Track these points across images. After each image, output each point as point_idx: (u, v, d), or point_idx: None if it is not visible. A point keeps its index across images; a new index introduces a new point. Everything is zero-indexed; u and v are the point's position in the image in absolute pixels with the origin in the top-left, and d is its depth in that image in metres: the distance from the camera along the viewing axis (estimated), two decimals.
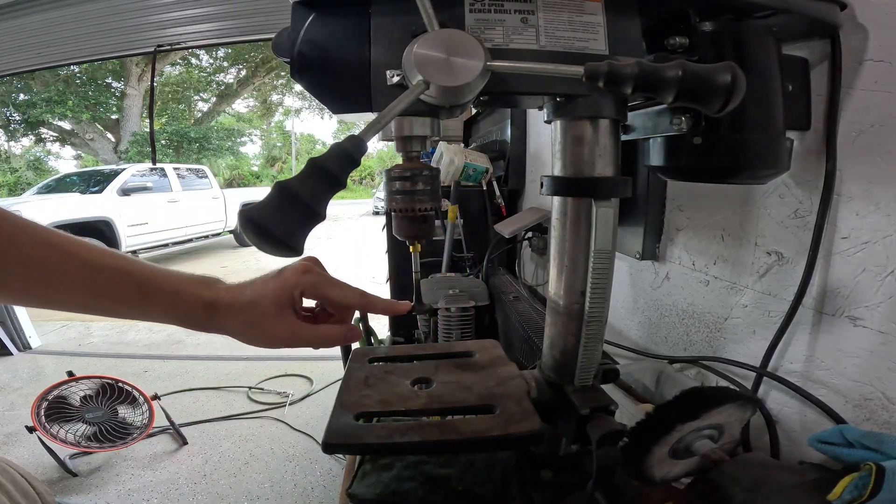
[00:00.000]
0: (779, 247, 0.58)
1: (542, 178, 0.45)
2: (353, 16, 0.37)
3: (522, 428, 0.42)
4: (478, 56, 0.33)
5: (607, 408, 0.44)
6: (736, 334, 0.65)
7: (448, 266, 1.50)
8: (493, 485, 0.50)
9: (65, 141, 12.08)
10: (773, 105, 0.44)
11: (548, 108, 0.44)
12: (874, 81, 0.46)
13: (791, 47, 0.51)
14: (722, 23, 0.43)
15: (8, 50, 3.01)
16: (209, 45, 3.00)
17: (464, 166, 1.61)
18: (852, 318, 0.49)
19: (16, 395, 2.25)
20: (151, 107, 4.25)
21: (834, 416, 0.50)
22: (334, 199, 0.29)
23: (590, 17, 0.38)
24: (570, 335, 0.46)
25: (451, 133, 2.24)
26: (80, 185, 5.16)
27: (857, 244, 0.48)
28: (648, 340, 0.86)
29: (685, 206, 0.74)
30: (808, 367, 0.54)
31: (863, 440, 0.41)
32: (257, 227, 0.24)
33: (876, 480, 0.33)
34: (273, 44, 0.38)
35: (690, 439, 0.40)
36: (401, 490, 0.50)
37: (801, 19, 0.43)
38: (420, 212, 0.40)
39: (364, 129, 0.30)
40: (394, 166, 0.40)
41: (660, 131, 0.49)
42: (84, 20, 2.88)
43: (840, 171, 0.49)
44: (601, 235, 0.40)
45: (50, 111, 10.32)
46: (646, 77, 0.30)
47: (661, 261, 0.81)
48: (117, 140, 11.47)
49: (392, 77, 0.36)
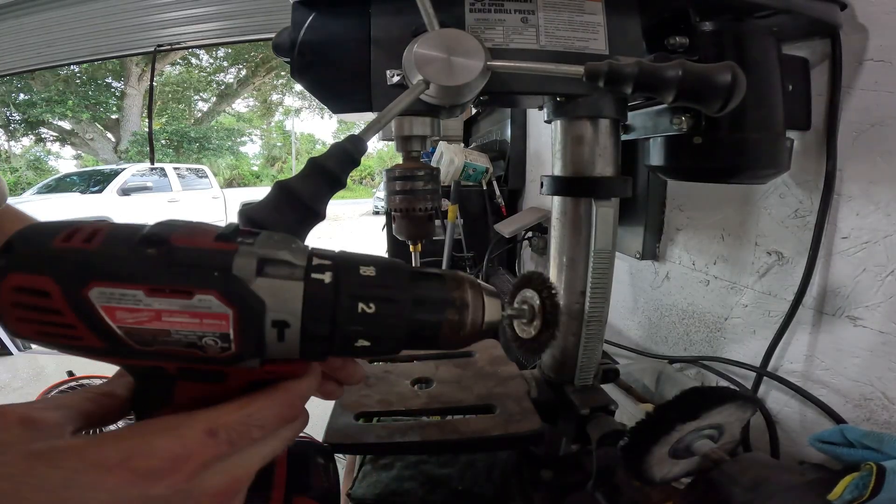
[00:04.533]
0: (779, 246, 0.58)
1: (542, 178, 0.45)
2: (354, 15, 0.37)
3: (522, 428, 0.42)
4: (478, 56, 0.33)
5: (607, 408, 0.44)
6: (736, 334, 0.65)
7: (448, 266, 1.50)
8: (493, 485, 0.50)
9: (65, 141, 12.08)
10: (774, 105, 0.44)
11: (548, 107, 0.44)
12: (874, 81, 0.46)
13: (791, 47, 0.50)
14: (722, 22, 0.43)
15: (8, 50, 3.01)
16: (209, 45, 3.00)
17: (464, 166, 1.61)
18: (852, 317, 0.49)
19: (16, 395, 2.25)
20: (151, 107, 4.25)
21: (834, 416, 0.50)
22: (334, 199, 0.29)
23: (590, 16, 0.38)
24: (570, 335, 0.46)
25: (451, 133, 2.24)
26: (80, 184, 5.16)
27: (857, 244, 0.48)
28: (648, 340, 0.86)
29: (685, 206, 0.74)
30: (808, 366, 0.54)
31: (863, 440, 0.41)
32: (257, 226, 0.24)
33: (876, 480, 0.33)
34: (273, 44, 0.38)
35: (690, 439, 0.40)
36: (401, 490, 0.50)
37: (802, 19, 0.43)
38: (420, 211, 0.40)
39: (364, 129, 0.30)
40: (394, 166, 0.40)
41: (660, 131, 0.49)
42: (84, 20, 2.88)
43: (840, 171, 0.49)
44: (601, 235, 0.40)
45: (50, 111, 10.32)
46: (646, 77, 0.30)
47: (661, 260, 0.81)
48: (117, 140, 11.47)
49: (392, 77, 0.36)
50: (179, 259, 0.18)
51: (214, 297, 0.18)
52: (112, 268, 0.18)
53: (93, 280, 0.17)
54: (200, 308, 0.18)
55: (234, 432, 0.20)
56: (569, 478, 0.47)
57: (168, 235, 0.19)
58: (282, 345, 0.19)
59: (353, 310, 0.20)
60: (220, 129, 14.29)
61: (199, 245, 0.19)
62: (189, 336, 0.18)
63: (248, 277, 0.18)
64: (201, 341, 0.19)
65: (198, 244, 0.19)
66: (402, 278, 0.22)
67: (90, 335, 0.18)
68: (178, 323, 0.18)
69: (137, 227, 0.19)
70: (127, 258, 0.18)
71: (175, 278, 0.18)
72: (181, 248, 0.18)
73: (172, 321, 0.18)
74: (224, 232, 0.20)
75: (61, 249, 0.18)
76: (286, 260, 0.19)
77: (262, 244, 0.19)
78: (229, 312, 0.18)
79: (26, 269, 0.18)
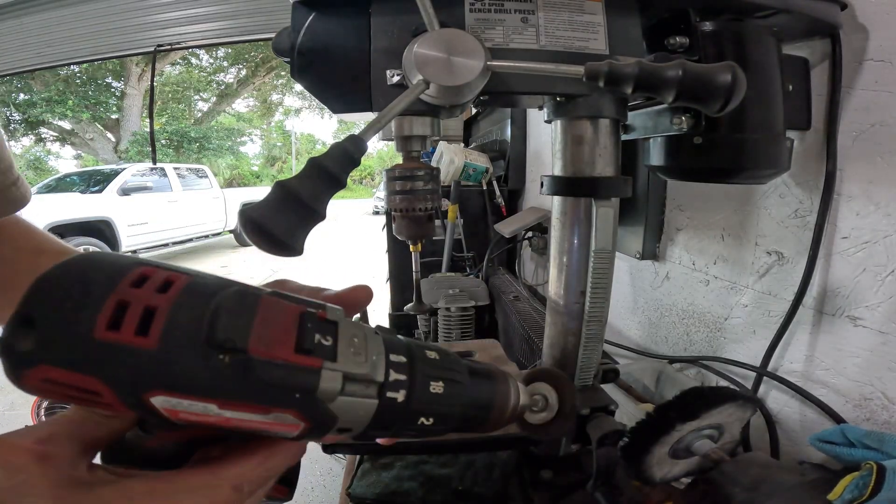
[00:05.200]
0: (779, 246, 0.58)
1: (542, 178, 0.45)
2: (354, 15, 0.37)
3: None
4: (478, 56, 0.33)
5: (607, 408, 0.44)
6: (736, 334, 0.65)
7: (448, 266, 1.50)
8: (493, 485, 0.50)
9: (65, 141, 12.08)
10: (774, 105, 0.44)
11: (548, 107, 0.44)
12: (874, 81, 0.46)
13: (791, 47, 0.51)
14: (722, 22, 0.43)
15: (8, 50, 3.01)
16: (209, 45, 3.00)
17: (464, 166, 1.61)
18: (852, 317, 0.49)
19: (16, 395, 2.25)
20: (151, 107, 4.25)
21: (834, 416, 0.50)
22: (334, 199, 0.29)
23: (590, 16, 0.38)
24: (570, 335, 0.46)
25: (451, 133, 2.24)
26: (80, 184, 5.16)
27: (857, 244, 0.48)
28: (648, 340, 0.86)
29: (685, 206, 0.74)
30: (808, 366, 0.54)
31: (864, 439, 0.41)
32: (257, 226, 0.24)
33: (877, 480, 0.33)
34: (273, 44, 0.38)
35: (690, 439, 0.40)
36: (401, 490, 0.50)
37: (802, 19, 0.43)
38: (420, 211, 0.40)
39: (364, 129, 0.30)
40: (394, 166, 0.40)
41: (660, 131, 0.49)
42: (84, 20, 2.88)
43: (840, 171, 0.49)
44: (601, 235, 0.40)
45: (50, 111, 10.32)
46: (646, 77, 0.30)
47: (661, 260, 0.81)
48: (117, 140, 11.47)
49: (392, 77, 0.36)
50: (259, 376, 0.16)
51: (291, 416, 0.17)
52: (180, 381, 0.15)
53: (155, 390, 0.15)
54: (274, 420, 0.17)
55: (255, 485, 0.20)
56: (569, 478, 0.47)
57: (245, 342, 0.16)
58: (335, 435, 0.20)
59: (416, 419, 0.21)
60: (220, 129, 14.29)
61: (279, 358, 0.17)
62: (252, 430, 0.18)
63: (329, 399, 0.18)
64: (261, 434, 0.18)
65: (278, 356, 0.17)
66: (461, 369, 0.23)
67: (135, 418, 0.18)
68: (245, 423, 0.17)
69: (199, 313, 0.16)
70: (197, 370, 0.15)
71: (254, 397, 0.16)
72: (261, 363, 0.16)
73: (238, 424, 0.17)
74: (304, 342, 0.17)
75: (109, 346, 0.14)
76: (366, 378, 0.19)
77: (345, 356, 0.18)
78: (301, 425, 0.18)
79: (64, 364, 0.14)
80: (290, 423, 0.17)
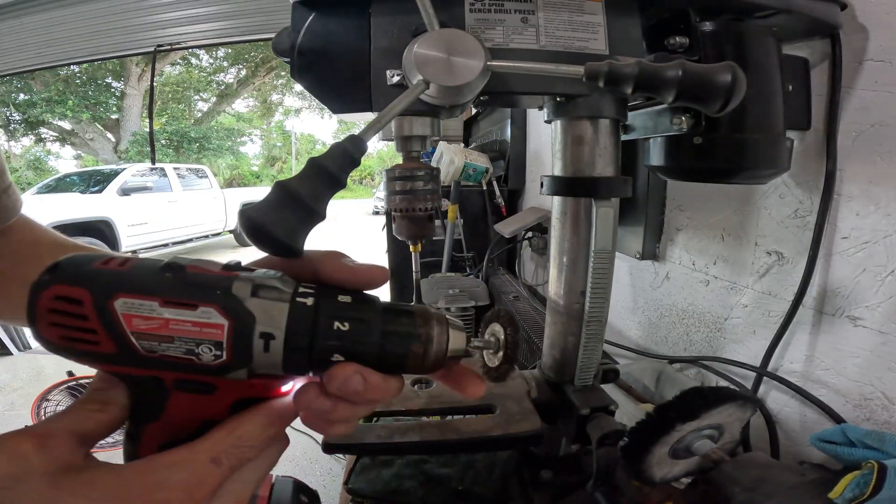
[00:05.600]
0: (779, 247, 0.58)
1: (542, 178, 0.45)
2: (354, 15, 0.37)
3: (522, 428, 0.42)
4: (478, 56, 0.33)
5: (607, 408, 0.44)
6: (736, 334, 0.65)
7: (448, 266, 1.50)
8: (493, 485, 0.50)
9: (65, 141, 12.08)
10: (774, 105, 0.44)
11: (548, 107, 0.44)
12: (874, 81, 0.46)
13: (791, 47, 0.51)
14: (722, 23, 0.43)
15: (8, 50, 3.01)
16: (209, 45, 3.01)
17: (464, 166, 1.61)
18: (852, 317, 0.49)
19: (16, 395, 2.25)
20: (151, 107, 4.25)
21: (834, 416, 0.50)
22: (334, 199, 0.29)
23: (590, 16, 0.38)
24: (570, 335, 0.46)
25: (451, 133, 2.24)
26: (80, 184, 5.15)
27: (857, 244, 0.48)
28: (648, 340, 0.86)
29: (685, 206, 0.74)
30: (808, 366, 0.54)
31: (864, 439, 0.41)
32: (257, 226, 0.24)
33: (878, 478, 0.33)
34: (273, 44, 0.38)
35: (690, 439, 0.40)
36: (401, 489, 0.50)
37: (802, 19, 0.43)
38: (420, 211, 0.40)
39: (364, 129, 0.30)
40: (394, 166, 0.40)
41: (660, 131, 0.49)
42: (84, 20, 2.88)
43: (840, 171, 0.49)
44: (601, 235, 0.40)
45: (50, 111, 10.32)
46: (646, 77, 0.30)
47: (661, 261, 0.81)
48: (117, 140, 11.47)
49: (392, 77, 0.36)
50: (190, 280, 0.22)
51: (214, 310, 0.22)
52: (136, 284, 0.22)
53: (119, 292, 0.21)
54: (202, 318, 0.21)
55: (233, 456, 0.22)
56: (569, 478, 0.47)
57: (184, 265, 0.23)
58: (267, 356, 0.22)
59: (330, 327, 0.23)
60: (220, 129, 14.28)
61: (206, 271, 0.23)
62: (188, 343, 0.22)
63: (243, 297, 0.22)
64: (198, 348, 0.22)
65: (206, 271, 0.23)
66: (375, 309, 0.25)
67: (107, 340, 0.21)
68: (181, 331, 0.21)
69: (160, 259, 0.23)
70: (149, 277, 0.22)
71: (184, 293, 0.22)
72: (192, 273, 0.23)
73: (177, 329, 0.21)
74: (228, 264, 0.24)
75: (99, 269, 0.22)
76: (276, 286, 0.23)
77: (258, 275, 0.23)
78: (225, 323, 0.22)
79: (68, 281, 0.21)
80: (215, 322, 0.22)
